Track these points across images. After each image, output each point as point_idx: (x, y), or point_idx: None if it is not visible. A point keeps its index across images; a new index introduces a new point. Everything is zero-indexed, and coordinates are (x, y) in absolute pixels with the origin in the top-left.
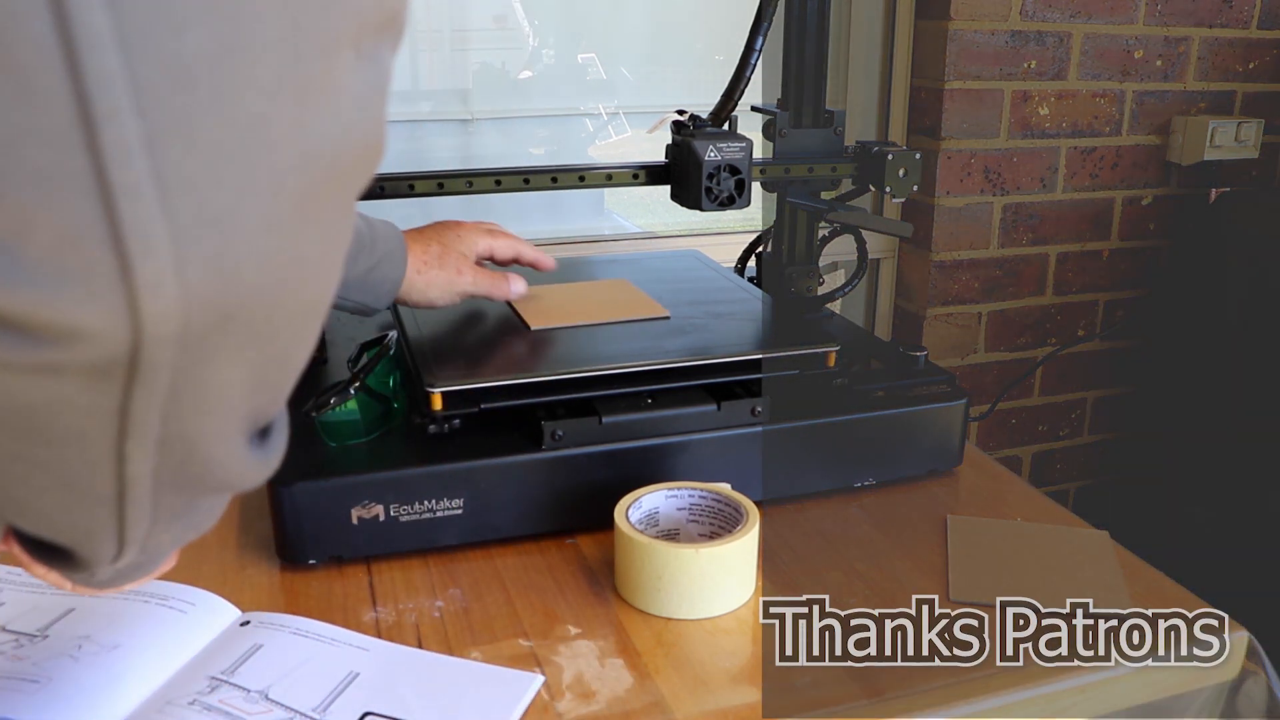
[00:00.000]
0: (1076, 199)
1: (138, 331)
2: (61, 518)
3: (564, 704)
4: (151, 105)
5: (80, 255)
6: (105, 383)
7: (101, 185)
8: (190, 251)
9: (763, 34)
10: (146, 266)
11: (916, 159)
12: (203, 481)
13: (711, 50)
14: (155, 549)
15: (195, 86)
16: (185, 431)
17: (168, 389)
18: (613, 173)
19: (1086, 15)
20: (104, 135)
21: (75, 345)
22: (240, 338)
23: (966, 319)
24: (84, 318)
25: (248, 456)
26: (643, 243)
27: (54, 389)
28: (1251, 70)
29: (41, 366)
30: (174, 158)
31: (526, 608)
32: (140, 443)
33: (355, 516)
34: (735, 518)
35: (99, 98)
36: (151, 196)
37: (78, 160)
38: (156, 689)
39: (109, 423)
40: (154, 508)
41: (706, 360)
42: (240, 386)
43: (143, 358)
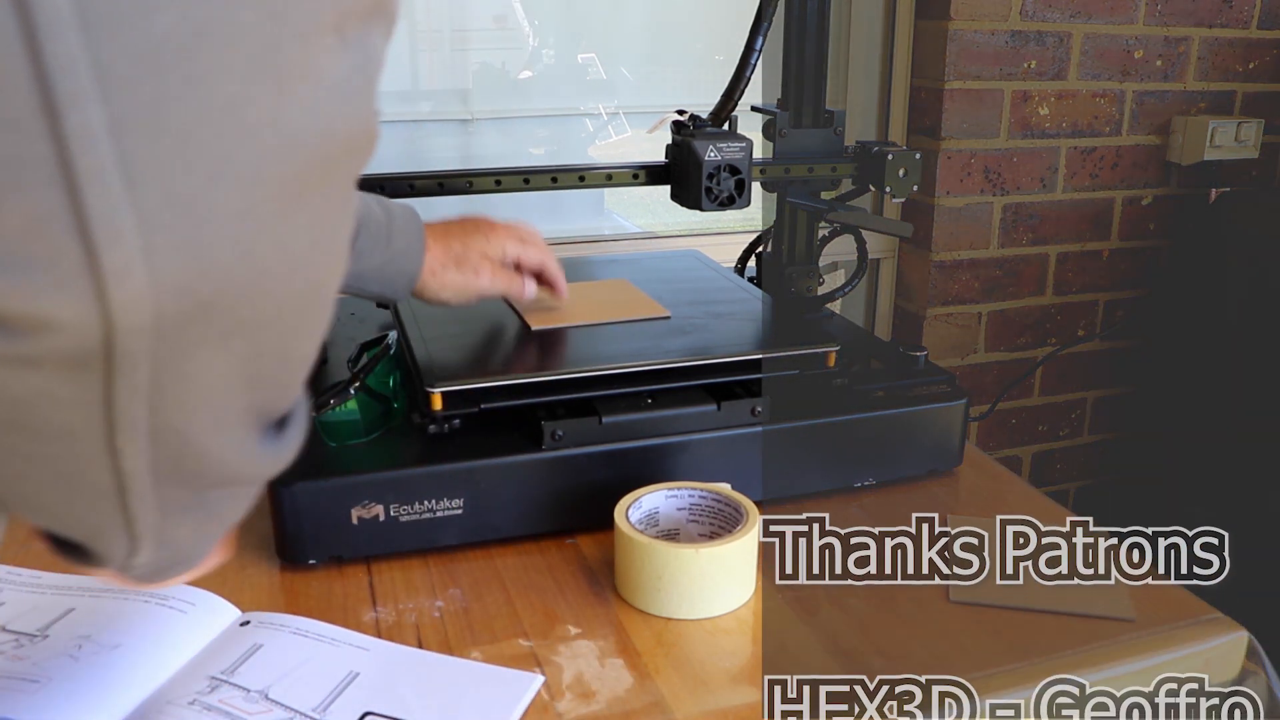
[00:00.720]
0: (1076, 199)
1: (108, 320)
2: (66, 513)
3: (564, 704)
4: (117, 90)
5: (46, 243)
6: (84, 374)
7: (66, 172)
8: (159, 239)
9: (763, 34)
10: (113, 254)
11: (916, 159)
12: (203, 475)
13: (711, 50)
14: (176, 543)
15: (164, 71)
16: (175, 424)
17: (150, 380)
18: (613, 173)
19: (1086, 15)
20: (67, 121)
21: (47, 335)
22: (223, 328)
23: (966, 319)
24: (52, 307)
25: (254, 449)
26: (643, 243)
27: (34, 382)
28: (1251, 70)
29: (17, 358)
30: (141, 144)
31: (526, 608)
32: (130, 436)
33: (355, 516)
34: (735, 518)
35: (61, 83)
36: (117, 183)
37: (40, 146)
38: (156, 689)
39: (94, 415)
40: (159, 501)
41: (706, 360)
42: (231, 379)
43: (117, 348)
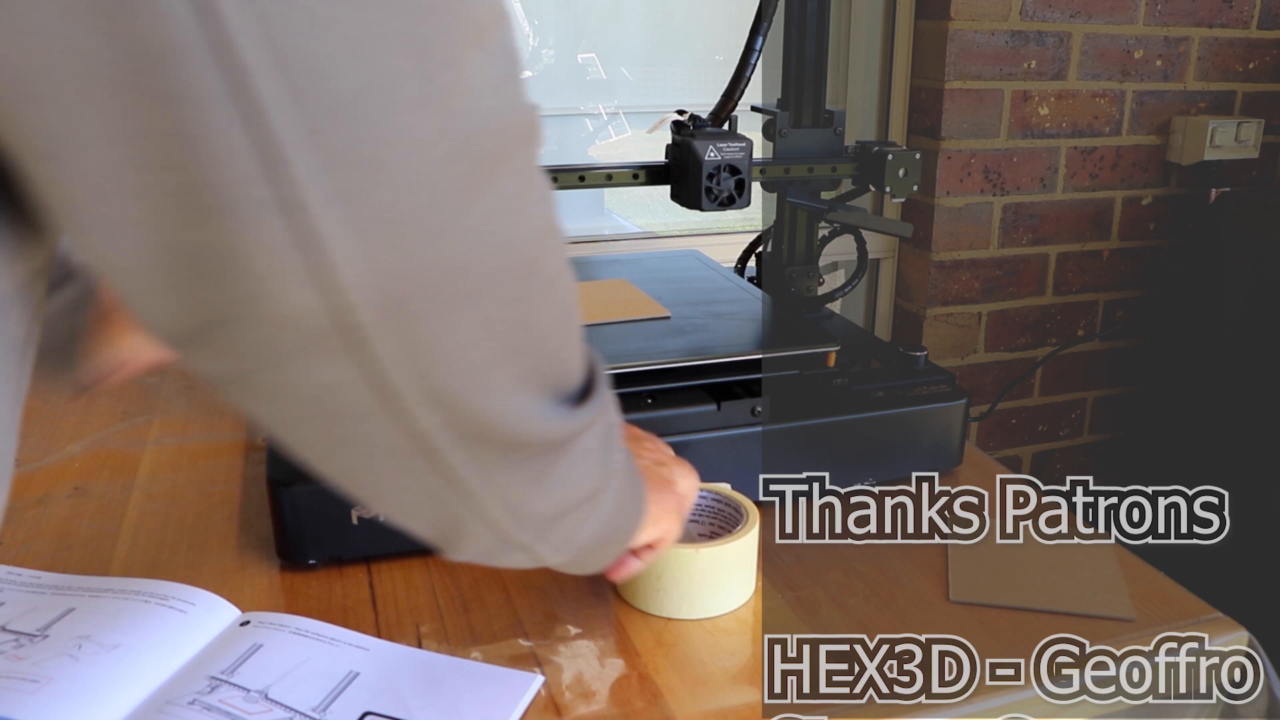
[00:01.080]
0: (1076, 199)
1: (348, 304)
2: (397, 488)
3: (564, 704)
4: (324, 141)
5: (287, 256)
6: (350, 354)
7: (291, 205)
8: (371, 239)
9: (763, 34)
10: (340, 254)
11: (916, 159)
12: (491, 435)
13: (711, 50)
14: (548, 530)
15: (355, 119)
16: (446, 386)
17: (402, 350)
18: (613, 173)
19: (1086, 15)
20: (294, 169)
21: (305, 325)
22: (445, 300)
23: (966, 319)
24: (301, 302)
25: (546, 413)
26: (643, 243)
27: (321, 372)
28: (1251, 70)
29: (296, 352)
30: (348, 176)
31: (526, 608)
32: (411, 400)
33: (355, 516)
34: (735, 518)
35: (282, 137)
36: (337, 207)
37: (266, 189)
38: (156, 689)
39: (375, 388)
40: (472, 457)
41: (706, 360)
42: (480, 345)
43: (363, 324)
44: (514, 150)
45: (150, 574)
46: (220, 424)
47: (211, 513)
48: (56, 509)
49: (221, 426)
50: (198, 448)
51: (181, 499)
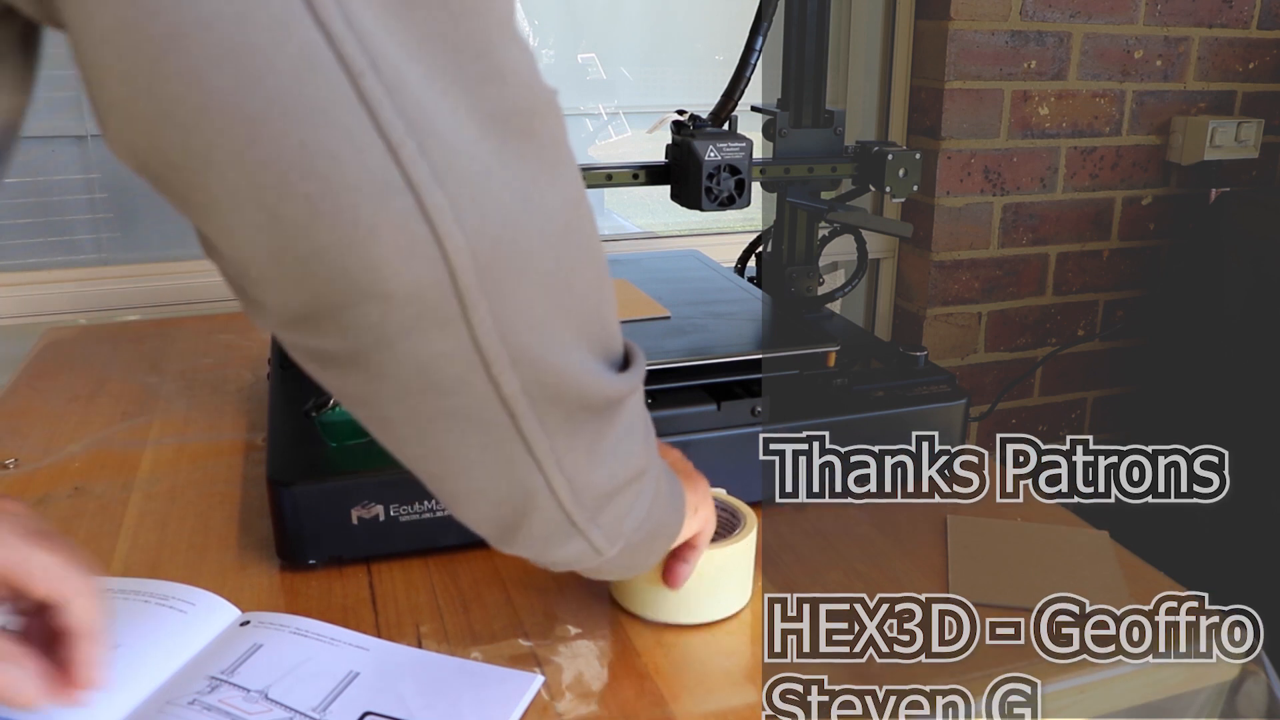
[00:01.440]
0: (1076, 199)
1: (452, 270)
2: (482, 462)
3: (564, 704)
4: (413, 129)
5: (408, 234)
6: (451, 325)
7: (406, 187)
8: (459, 213)
9: (763, 34)
10: (443, 227)
11: (916, 159)
12: (563, 393)
13: (711, 50)
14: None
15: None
16: (525, 343)
17: (491, 314)
18: (613, 173)
19: (1086, 15)
20: (414, 171)
21: (420, 299)
22: (515, 266)
23: (966, 319)
24: (416, 275)
25: (601, 372)
26: (643, 243)
27: (427, 344)
28: (1251, 70)
29: (409, 327)
30: (431, 153)
31: (526, 608)
32: (501, 366)
33: (355, 516)
34: (732, 522)
35: (389, 134)
36: (432, 185)
37: (393, 174)
38: (156, 689)
39: (472, 357)
40: (542, 422)
41: (706, 360)
42: (546, 306)
43: (462, 290)
44: (545, 122)
45: (150, 574)
46: (220, 424)
47: (211, 513)
48: (56, 509)
49: (221, 426)
50: (198, 448)
51: (181, 499)
